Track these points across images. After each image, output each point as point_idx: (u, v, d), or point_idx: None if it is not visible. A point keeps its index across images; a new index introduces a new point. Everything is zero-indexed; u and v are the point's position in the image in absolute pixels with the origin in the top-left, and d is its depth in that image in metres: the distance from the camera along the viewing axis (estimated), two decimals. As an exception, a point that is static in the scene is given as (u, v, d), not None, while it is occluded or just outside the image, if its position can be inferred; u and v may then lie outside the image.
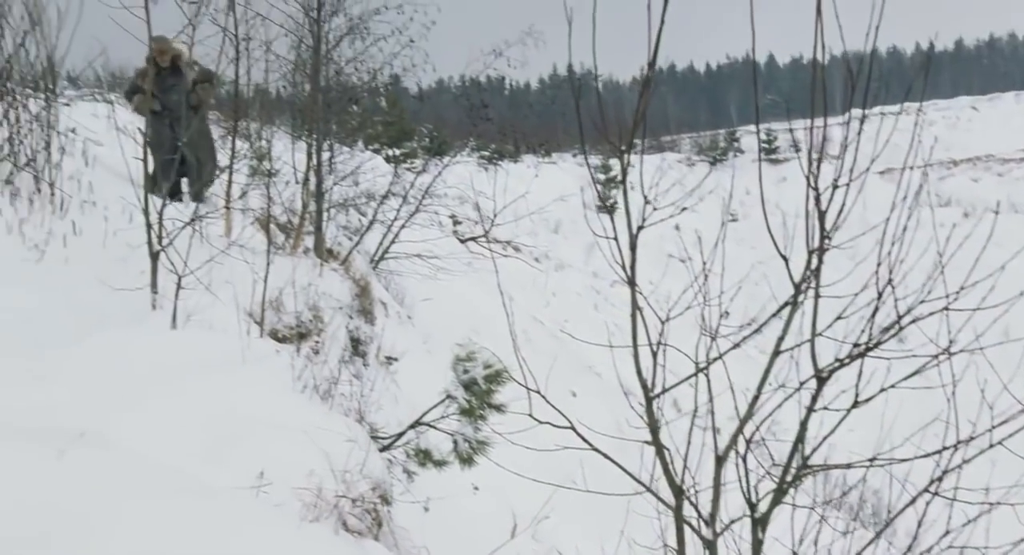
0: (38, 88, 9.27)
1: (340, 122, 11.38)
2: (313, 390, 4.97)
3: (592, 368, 15.14)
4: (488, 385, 5.22)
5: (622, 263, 3.30)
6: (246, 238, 8.31)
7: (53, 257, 7.15)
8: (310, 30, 9.14)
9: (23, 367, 4.29)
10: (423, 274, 12.43)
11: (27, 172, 8.48)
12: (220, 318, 5.83)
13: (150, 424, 3.58)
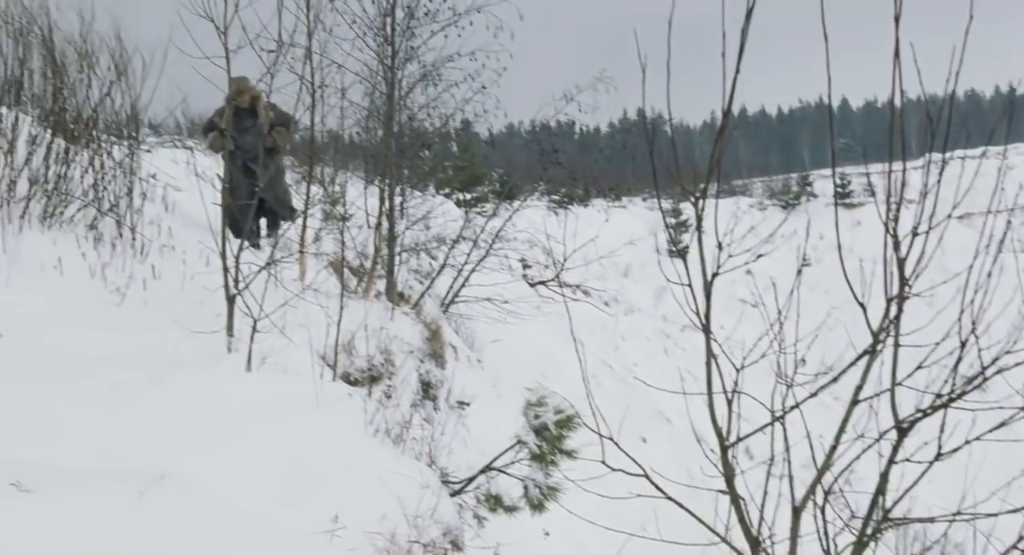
0: (122, 136, 9.54)
1: (412, 167, 11.51)
2: (385, 434, 4.99)
3: (662, 413, 14.99)
4: (559, 430, 5.18)
5: (696, 309, 3.27)
6: (320, 282, 8.42)
7: (133, 300, 7.31)
8: (384, 77, 9.28)
9: (105, 408, 4.38)
10: (493, 318, 12.44)
11: (110, 217, 8.70)
12: (294, 361, 5.89)
13: (227, 466, 3.62)
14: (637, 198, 39.16)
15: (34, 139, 8.55)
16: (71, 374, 5.18)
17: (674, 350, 22.05)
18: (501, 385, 10.86)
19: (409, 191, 11.07)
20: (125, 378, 5.21)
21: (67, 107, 9.05)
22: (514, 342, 12.82)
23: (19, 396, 4.54)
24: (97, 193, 8.70)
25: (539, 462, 5.27)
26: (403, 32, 9.00)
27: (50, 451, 3.45)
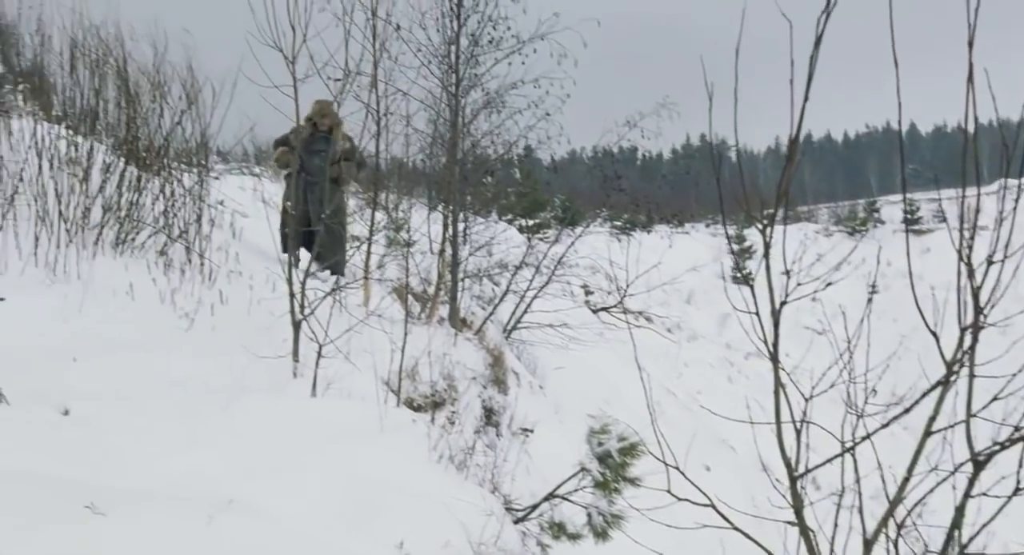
0: (192, 163, 9.73)
1: (475, 193, 11.57)
2: (449, 460, 5.00)
3: (726, 441, 14.81)
4: (623, 458, 5.14)
5: (763, 338, 3.23)
6: (383, 308, 8.48)
7: (202, 325, 7.43)
8: (448, 104, 9.37)
9: (174, 432, 4.45)
10: (555, 344, 12.42)
11: (180, 243, 8.87)
12: (358, 386, 5.93)
13: (293, 491, 3.65)
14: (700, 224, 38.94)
15: (108, 167, 8.75)
16: (142, 398, 5.27)
17: (738, 378, 21.81)
18: (563, 412, 10.81)
19: (472, 217, 11.13)
20: (193, 402, 5.30)
21: (140, 136, 9.26)
22: (576, 368, 12.77)
23: (92, 419, 4.63)
24: (167, 220, 8.87)
25: (603, 490, 5.24)
26: (467, 60, 9.08)
27: (121, 474, 3.51)
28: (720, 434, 14.87)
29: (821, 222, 42.99)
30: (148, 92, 9.36)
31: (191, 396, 5.52)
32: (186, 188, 9.15)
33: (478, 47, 9.09)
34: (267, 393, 5.70)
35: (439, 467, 4.84)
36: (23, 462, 3.39)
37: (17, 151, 8.37)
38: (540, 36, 8.83)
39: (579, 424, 9.32)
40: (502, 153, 10.45)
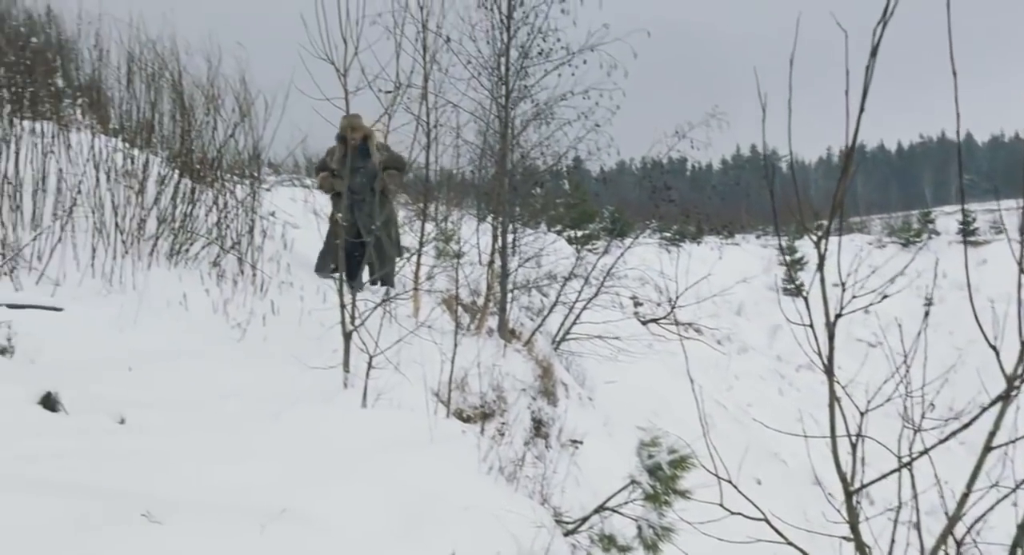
0: (244, 175, 9.84)
1: (524, 204, 11.58)
2: (499, 471, 4.99)
3: (777, 455, 14.65)
4: (673, 471, 5.11)
5: (818, 351, 3.19)
6: (433, 319, 8.51)
7: (254, 335, 7.51)
8: (498, 116, 9.39)
9: (226, 442, 4.49)
10: (604, 355, 12.38)
11: (232, 254, 8.97)
12: (408, 397, 5.95)
13: (344, 501, 3.67)
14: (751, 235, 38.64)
15: (163, 179, 8.88)
16: (195, 407, 5.33)
17: (789, 390, 21.57)
18: (612, 424, 10.77)
19: (521, 228, 11.14)
20: (246, 412, 5.35)
21: (194, 148, 9.39)
22: (625, 380, 12.72)
23: (147, 428, 4.69)
24: (220, 231, 8.98)
25: (653, 503, 5.20)
26: (517, 72, 9.10)
27: (176, 483, 3.54)
28: (771, 447, 14.71)
29: (874, 233, 42.40)
30: (202, 105, 9.50)
31: (243, 406, 5.57)
32: (238, 200, 9.27)
33: (528, 59, 9.11)
34: (318, 403, 5.73)
35: (489, 478, 4.83)
36: (81, 470, 3.44)
37: (76, 164, 8.52)
38: (590, 47, 8.82)
39: (628, 436, 9.28)
40: (551, 164, 10.45)
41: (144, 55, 9.72)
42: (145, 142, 9.48)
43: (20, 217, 7.72)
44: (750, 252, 32.94)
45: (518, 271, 10.63)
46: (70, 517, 2.50)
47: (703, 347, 17.58)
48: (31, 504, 2.51)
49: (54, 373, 5.09)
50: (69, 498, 2.73)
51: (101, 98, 10.77)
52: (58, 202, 8.03)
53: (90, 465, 3.56)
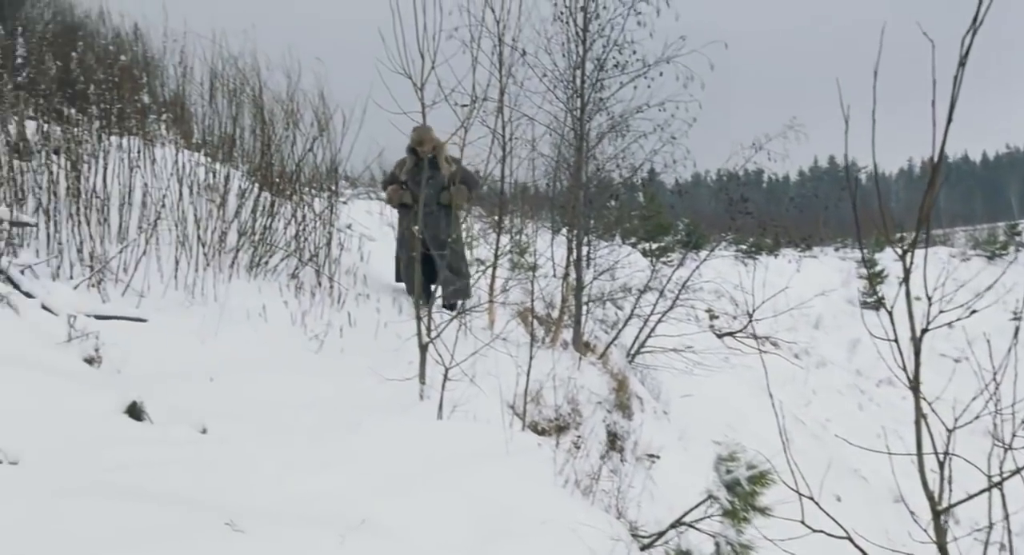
0: (322, 188, 9.98)
1: (598, 217, 11.55)
2: (574, 484, 4.97)
3: (857, 472, 14.36)
4: (752, 486, 5.03)
5: (903, 366, 3.13)
6: (508, 331, 8.52)
7: (331, 347, 7.59)
8: (573, 128, 9.39)
9: (305, 452, 4.54)
10: (679, 369, 12.27)
11: (310, 267, 9.10)
12: (483, 409, 5.96)
13: (422, 513, 3.68)
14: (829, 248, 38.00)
15: (243, 193, 9.04)
16: (274, 418, 5.41)
17: (869, 406, 21.11)
18: (687, 438, 10.66)
19: (596, 241, 11.11)
20: (324, 423, 5.41)
21: (273, 162, 9.55)
22: (701, 394, 12.59)
23: (228, 438, 4.76)
24: (299, 244, 9.11)
25: (731, 519, 5.13)
26: (592, 84, 9.08)
27: (257, 493, 3.59)
28: (851, 464, 14.43)
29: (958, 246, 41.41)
30: (282, 119, 9.67)
31: (321, 417, 5.63)
32: (316, 213, 9.40)
33: (603, 71, 9.08)
34: (394, 415, 5.78)
35: (565, 492, 4.82)
36: (167, 478, 3.51)
37: (160, 178, 8.71)
38: (666, 59, 8.77)
39: (704, 450, 9.18)
40: (627, 177, 10.40)
41: (226, 71, 9.94)
42: (226, 156, 9.67)
43: (107, 230, 7.91)
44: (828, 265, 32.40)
45: (593, 284, 10.59)
46: (157, 525, 2.55)
47: (780, 361, 17.34)
48: (120, 511, 2.56)
49: (139, 383, 5.21)
50: (156, 506, 2.78)
51: (184, 113, 11.03)
52: (143, 215, 8.22)
53: (175, 474, 3.63)
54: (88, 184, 7.97)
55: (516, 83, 8.90)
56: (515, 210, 12.62)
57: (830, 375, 22.26)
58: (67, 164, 7.94)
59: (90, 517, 2.43)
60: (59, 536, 2.22)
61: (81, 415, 4.30)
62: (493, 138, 8.08)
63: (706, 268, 13.52)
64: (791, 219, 18.11)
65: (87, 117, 8.97)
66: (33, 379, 4.45)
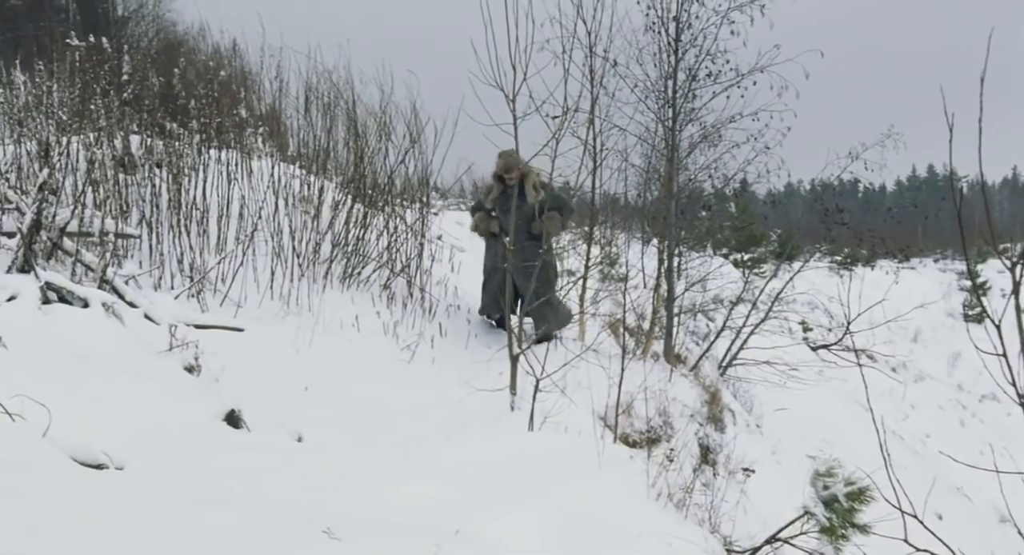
0: (413, 200, 10.09)
1: (689, 227, 11.44)
2: (667, 498, 4.92)
3: (960, 489, 13.95)
4: (850, 503, 4.92)
5: (1012, 381, 3.02)
6: (598, 343, 8.48)
7: (422, 357, 7.66)
8: (664, 138, 9.33)
9: (398, 462, 4.58)
10: (771, 382, 12.07)
11: (402, 277, 9.19)
12: (574, 421, 5.94)
13: (515, 524, 3.68)
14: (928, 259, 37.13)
15: (337, 204, 9.19)
16: (367, 427, 5.47)
17: (971, 421, 20.52)
18: (781, 452, 10.48)
19: (687, 252, 11.01)
20: (416, 432, 5.45)
21: (366, 174, 9.69)
22: (794, 407, 12.38)
23: (323, 447, 4.83)
24: (391, 255, 9.22)
25: (828, 535, 5.01)
26: (684, 94, 9.02)
27: (352, 501, 3.63)
28: (953, 481, 14.03)
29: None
30: (375, 132, 9.81)
31: (413, 426, 5.68)
32: (408, 224, 9.50)
33: (695, 81, 9.00)
34: (486, 426, 5.79)
35: (658, 505, 4.76)
36: (265, 485, 3.57)
37: (256, 190, 8.91)
38: (760, 68, 8.65)
39: (797, 465, 9.02)
40: (719, 187, 10.29)
41: (321, 85, 10.13)
42: (321, 168, 9.84)
43: (206, 241, 8.11)
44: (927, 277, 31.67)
45: (684, 295, 10.50)
46: (257, 532, 2.59)
47: (877, 374, 16.95)
48: (221, 518, 2.61)
49: (236, 391, 5.31)
50: (255, 513, 2.83)
51: (280, 127, 11.27)
52: (240, 227, 8.41)
53: (272, 481, 3.69)
54: (188, 196, 8.19)
55: (607, 94, 8.88)
56: (605, 221, 12.56)
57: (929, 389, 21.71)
58: (169, 177, 8.17)
59: (194, 524, 2.48)
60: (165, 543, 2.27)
61: (182, 422, 4.40)
62: (584, 149, 8.06)
63: (800, 280, 13.29)
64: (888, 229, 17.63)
65: (188, 131, 9.22)
66: (137, 387, 4.57)
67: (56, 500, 2.36)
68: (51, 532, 2.16)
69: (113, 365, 4.85)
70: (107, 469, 3.23)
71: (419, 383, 6.99)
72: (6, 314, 4.88)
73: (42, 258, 6.47)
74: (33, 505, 2.27)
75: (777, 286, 12.40)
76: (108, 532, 2.26)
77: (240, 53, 13.05)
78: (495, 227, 8.85)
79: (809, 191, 16.87)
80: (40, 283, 5.43)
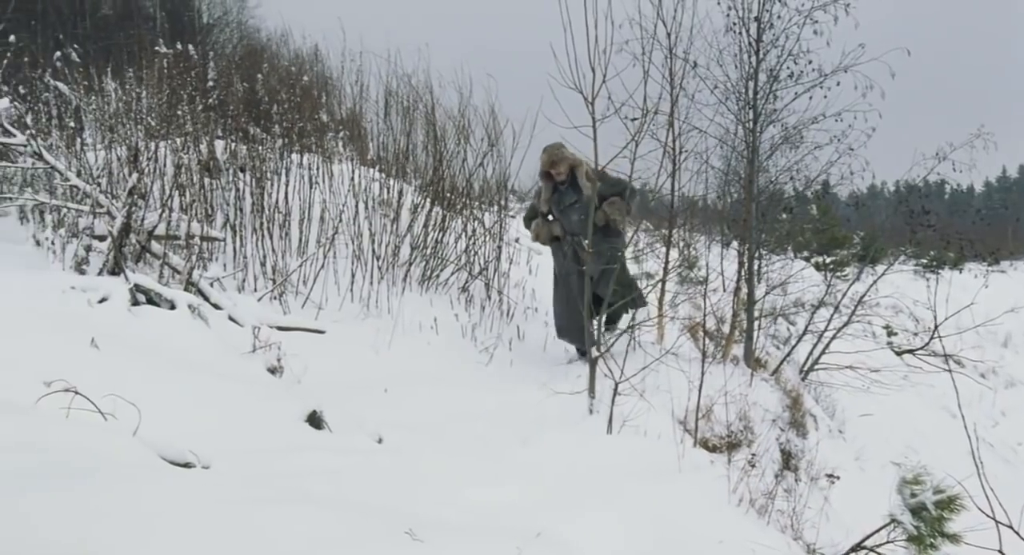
0: (491, 203, 10.13)
1: (769, 230, 11.28)
2: (749, 504, 4.85)
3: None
4: (940, 512, 4.79)
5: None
6: (677, 346, 8.41)
7: (500, 360, 7.68)
8: (744, 140, 9.21)
9: (477, 464, 4.59)
10: (854, 387, 11.84)
11: (480, 280, 9.23)
12: (653, 425, 5.89)
13: (594, 527, 3.66)
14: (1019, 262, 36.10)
15: (416, 207, 9.26)
16: (446, 429, 5.50)
17: (1065, 429, 19.89)
18: (864, 458, 10.28)
19: (767, 255, 10.86)
20: (495, 434, 5.46)
21: (445, 177, 9.76)
22: (878, 413, 12.13)
23: (403, 448, 4.86)
24: (469, 257, 9.27)
25: (916, 544, 4.88)
26: (765, 95, 8.88)
27: (431, 503, 3.64)
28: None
29: None
30: (453, 135, 9.88)
31: (492, 428, 5.69)
32: (486, 227, 9.54)
33: (777, 82, 8.86)
34: (564, 429, 5.78)
35: (739, 510, 4.70)
36: (347, 486, 3.61)
37: (337, 193, 9.02)
38: (844, 68, 8.47)
39: (881, 472, 8.84)
40: (801, 189, 10.13)
41: (400, 88, 10.22)
42: (400, 172, 9.93)
43: (288, 244, 8.24)
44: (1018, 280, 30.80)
45: (765, 298, 10.36)
46: (340, 531, 2.61)
47: (965, 380, 16.54)
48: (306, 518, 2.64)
49: (318, 392, 5.38)
50: (338, 513, 2.85)
51: (360, 131, 11.40)
52: (321, 230, 8.53)
53: (354, 482, 3.72)
54: (271, 200, 8.33)
55: (687, 96, 8.79)
56: (684, 224, 12.45)
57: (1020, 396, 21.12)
58: (252, 181, 8.32)
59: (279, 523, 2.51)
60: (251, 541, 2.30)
61: (266, 423, 4.47)
62: (664, 152, 8.00)
63: (883, 283, 13.02)
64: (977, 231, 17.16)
65: (271, 136, 9.38)
66: (222, 387, 4.65)
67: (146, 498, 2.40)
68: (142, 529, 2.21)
69: (199, 365, 4.94)
70: (194, 468, 3.28)
71: (497, 386, 7.01)
72: (98, 315, 5.01)
73: (131, 261, 6.64)
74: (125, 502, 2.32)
75: (860, 289, 12.17)
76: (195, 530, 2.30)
77: (321, 58, 13.25)
78: (557, 229, 8.07)
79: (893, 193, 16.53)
80: (130, 285, 5.57)
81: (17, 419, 2.87)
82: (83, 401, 3.25)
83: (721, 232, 12.69)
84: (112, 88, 9.86)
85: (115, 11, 22.67)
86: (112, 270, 6.13)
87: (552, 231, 8.08)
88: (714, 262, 11.33)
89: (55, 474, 2.38)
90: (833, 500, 8.22)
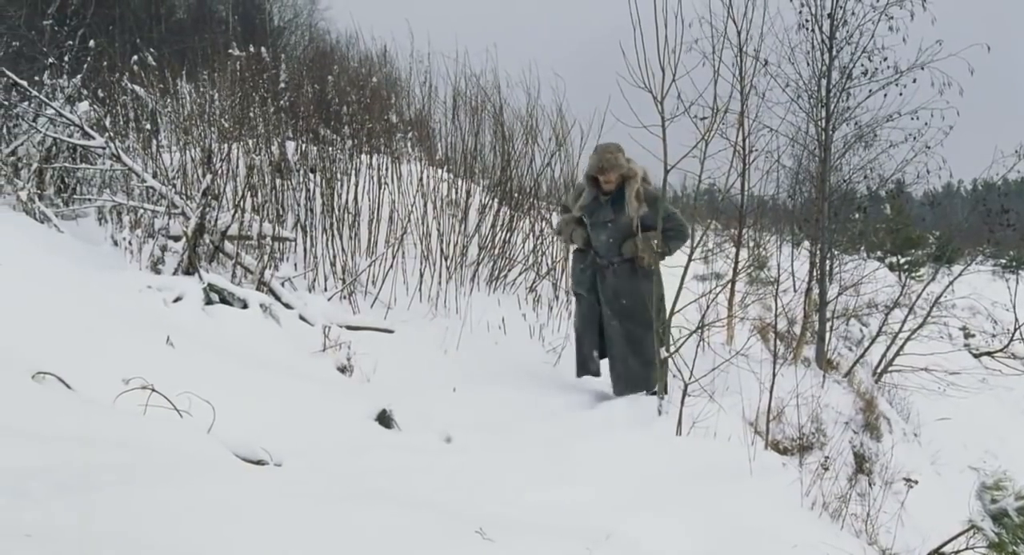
0: (559, 203, 10.13)
1: (842, 230, 11.10)
2: (822, 508, 4.77)
3: None
4: (1022, 518, 4.66)
5: None
6: (747, 347, 8.30)
7: (567, 360, 7.66)
8: (816, 139, 9.07)
9: (545, 464, 4.58)
10: (930, 389, 11.60)
11: (548, 280, 9.22)
12: (723, 426, 5.82)
13: (665, 529, 3.62)
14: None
15: (483, 208, 9.29)
16: (514, 429, 5.50)
17: None
18: (940, 462, 10.07)
19: (839, 255, 10.69)
20: (563, 435, 5.45)
21: (512, 177, 9.77)
22: (955, 417, 11.87)
23: (471, 448, 4.87)
24: (536, 258, 9.26)
25: (997, 552, 4.77)
26: (838, 93, 8.73)
27: (500, 502, 3.64)
28: None
29: None
30: (521, 135, 9.88)
31: (560, 429, 5.67)
32: (554, 227, 9.53)
33: (850, 80, 8.69)
34: (633, 429, 5.74)
35: (812, 514, 4.63)
36: (417, 484, 3.63)
37: (406, 194, 9.07)
38: (920, 65, 8.29)
39: (958, 476, 8.65)
40: (875, 188, 9.95)
41: (468, 89, 10.25)
42: (468, 172, 9.96)
43: (357, 244, 8.31)
44: (1100, 281, 29.93)
45: (837, 299, 10.19)
46: (411, 530, 2.62)
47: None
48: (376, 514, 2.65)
49: (387, 391, 5.42)
50: (408, 511, 2.86)
51: (428, 131, 11.46)
52: (390, 230, 8.59)
53: (424, 480, 3.74)
54: (341, 200, 8.41)
55: (758, 94, 8.67)
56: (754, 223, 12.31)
57: (1103, 400, 20.53)
58: (322, 182, 8.41)
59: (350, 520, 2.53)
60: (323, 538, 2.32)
61: (336, 421, 4.51)
62: (734, 151, 7.90)
63: (960, 284, 12.74)
64: (1060, 231, 16.65)
65: (340, 137, 9.46)
66: (293, 385, 4.71)
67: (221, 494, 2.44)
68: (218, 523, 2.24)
69: (271, 364, 5.01)
70: (267, 465, 3.33)
71: (565, 386, 6.99)
72: (174, 314, 5.10)
73: (205, 260, 6.75)
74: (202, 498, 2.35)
75: (936, 290, 11.92)
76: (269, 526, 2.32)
77: (390, 59, 13.33)
78: (580, 239, 6.89)
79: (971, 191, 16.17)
80: (204, 284, 5.67)
81: (101, 417, 2.93)
82: (159, 398, 3.31)
83: (792, 232, 12.52)
84: (186, 91, 10.04)
85: (189, 15, 23.12)
86: (187, 270, 6.24)
87: (574, 237, 6.96)
88: (784, 262, 11.18)
89: (141, 469, 2.42)
90: (908, 505, 8.07)
